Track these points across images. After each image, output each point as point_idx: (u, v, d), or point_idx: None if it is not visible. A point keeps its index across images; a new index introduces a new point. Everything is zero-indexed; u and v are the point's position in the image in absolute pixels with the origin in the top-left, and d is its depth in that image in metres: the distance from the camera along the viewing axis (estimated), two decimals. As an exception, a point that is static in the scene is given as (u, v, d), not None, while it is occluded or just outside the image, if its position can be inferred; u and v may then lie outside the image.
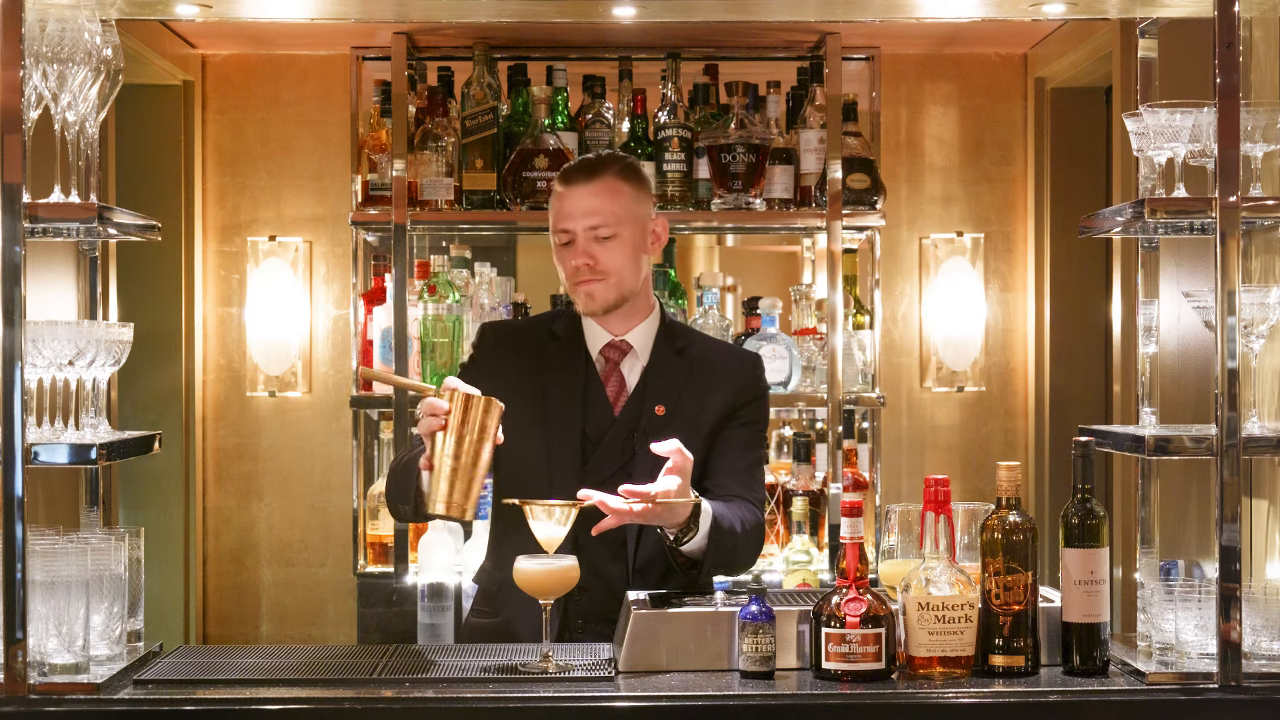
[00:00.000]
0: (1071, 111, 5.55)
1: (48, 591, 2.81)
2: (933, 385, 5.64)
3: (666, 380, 3.41)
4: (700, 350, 3.48)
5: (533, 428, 3.38)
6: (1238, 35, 2.89)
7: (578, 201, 3.36)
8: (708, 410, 3.40)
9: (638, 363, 3.42)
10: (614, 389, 3.42)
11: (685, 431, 3.30)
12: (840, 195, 4.72)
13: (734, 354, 3.59)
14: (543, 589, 2.92)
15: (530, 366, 3.43)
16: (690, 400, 3.40)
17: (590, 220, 3.35)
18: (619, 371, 3.42)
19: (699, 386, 3.41)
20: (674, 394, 3.40)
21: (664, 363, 3.43)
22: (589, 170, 3.39)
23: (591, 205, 3.36)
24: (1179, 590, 2.93)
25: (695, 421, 3.38)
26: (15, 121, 2.79)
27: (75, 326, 2.95)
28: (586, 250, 3.35)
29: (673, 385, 3.41)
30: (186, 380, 5.52)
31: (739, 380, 3.46)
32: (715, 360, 3.48)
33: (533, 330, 3.54)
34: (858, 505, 2.85)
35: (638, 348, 3.43)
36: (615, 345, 3.43)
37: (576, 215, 3.36)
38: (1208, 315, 2.96)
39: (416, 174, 4.75)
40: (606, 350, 3.42)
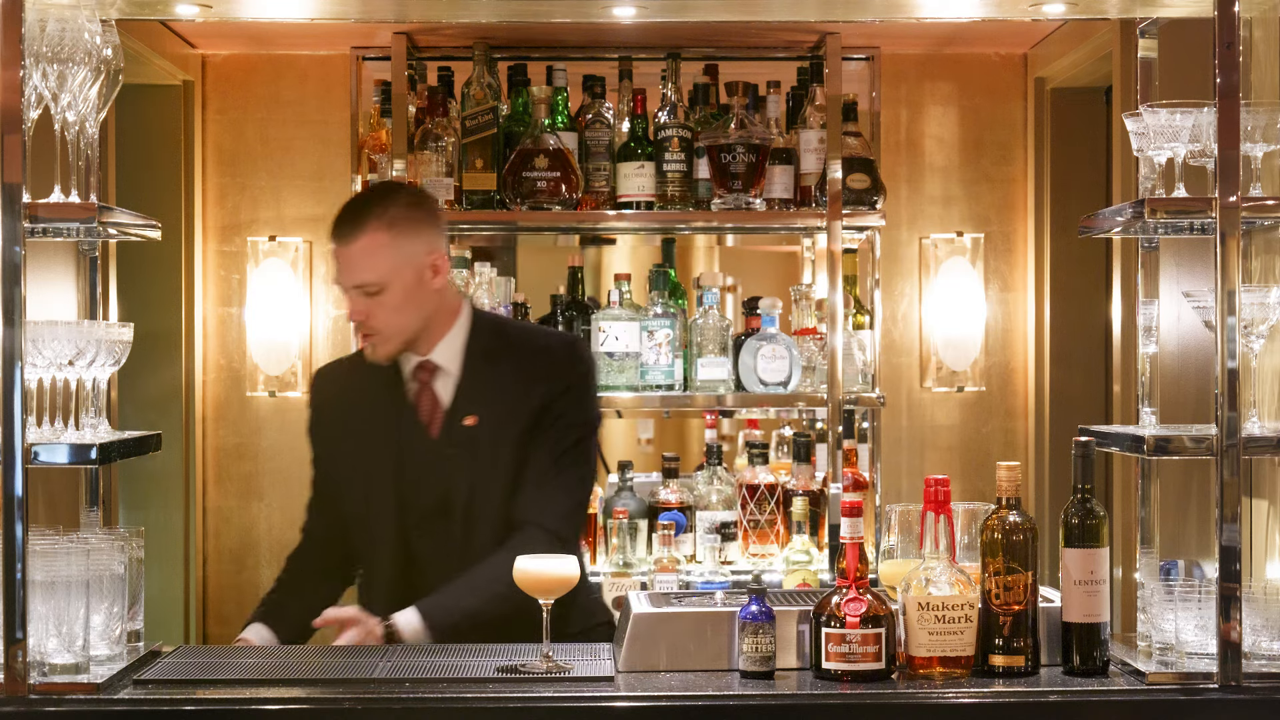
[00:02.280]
0: (1071, 111, 5.55)
1: (48, 591, 2.81)
2: (933, 385, 5.64)
3: (478, 389, 3.38)
4: (513, 349, 3.42)
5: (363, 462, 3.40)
6: (1238, 35, 2.89)
7: (344, 260, 3.33)
8: (519, 412, 3.35)
9: (449, 377, 3.40)
10: (428, 410, 3.40)
11: (496, 440, 3.33)
12: (840, 195, 4.72)
13: (546, 344, 3.53)
14: (543, 589, 2.92)
15: (355, 402, 3.44)
16: (503, 405, 3.36)
17: (355, 279, 3.31)
18: (431, 390, 3.40)
19: (512, 388, 3.37)
20: (486, 402, 3.36)
21: (474, 372, 3.39)
22: (350, 227, 3.32)
23: (356, 264, 3.31)
24: (1179, 590, 2.93)
25: (507, 428, 3.34)
26: (15, 121, 2.79)
27: (75, 326, 2.95)
28: (358, 307, 3.32)
29: (484, 393, 3.37)
30: (186, 380, 5.52)
31: (550, 372, 3.39)
32: (527, 357, 3.42)
33: (358, 363, 3.49)
34: (858, 505, 2.85)
35: (445, 364, 3.39)
36: (422, 366, 3.40)
37: (344, 273, 3.33)
38: (1208, 315, 2.96)
39: (416, 174, 4.75)
40: (416, 373, 3.41)
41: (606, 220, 4.81)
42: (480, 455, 3.35)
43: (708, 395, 4.70)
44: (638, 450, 7.19)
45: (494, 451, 3.35)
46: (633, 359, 4.66)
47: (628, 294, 4.76)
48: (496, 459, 3.34)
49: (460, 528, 3.36)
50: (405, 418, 3.40)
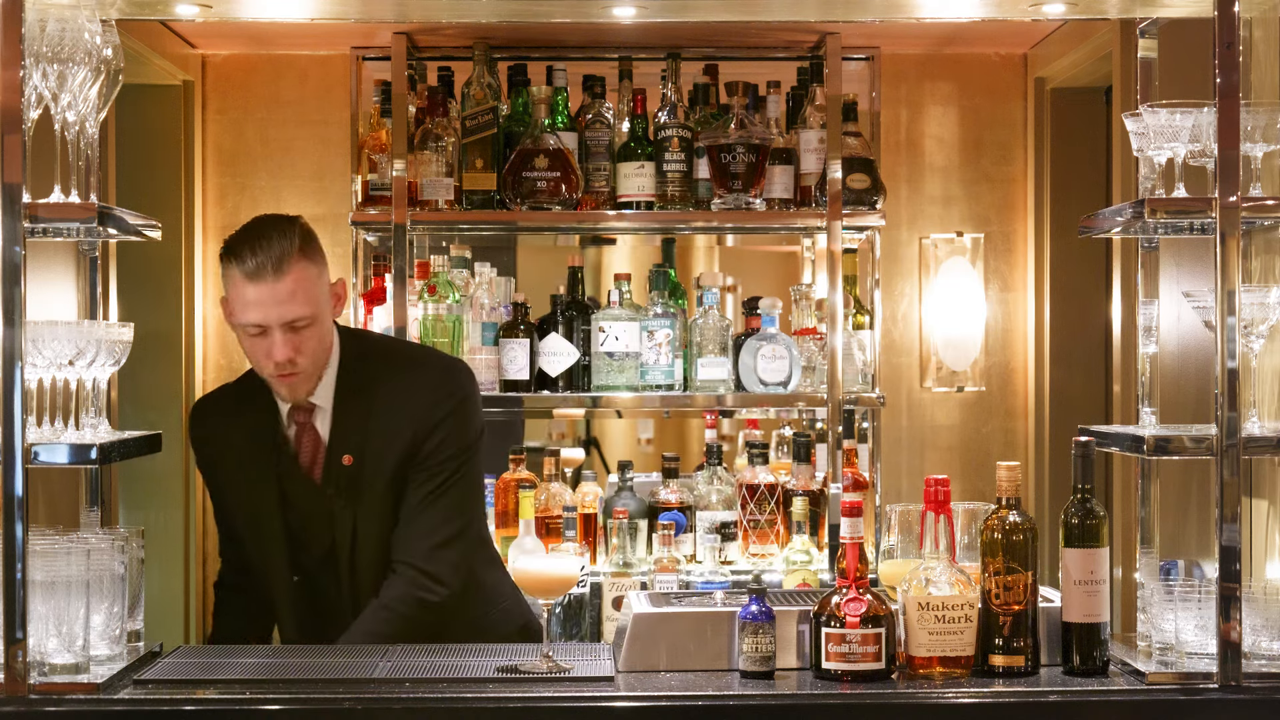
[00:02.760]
0: (1071, 111, 5.55)
1: (48, 591, 2.81)
2: (933, 385, 5.64)
3: (352, 426, 3.28)
4: (383, 379, 3.30)
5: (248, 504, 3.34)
6: (1238, 35, 2.89)
7: (271, 297, 3.12)
8: (394, 448, 3.26)
9: (327, 414, 3.30)
10: (309, 452, 3.30)
11: (375, 476, 3.25)
12: (840, 195, 4.71)
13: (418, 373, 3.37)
14: (542, 589, 2.92)
15: (234, 441, 3.34)
16: (377, 440, 3.27)
17: (289, 315, 3.14)
18: (312, 429, 3.31)
19: (385, 422, 3.27)
20: (360, 438, 3.27)
21: (346, 409, 3.28)
22: (276, 263, 3.13)
23: (288, 300, 3.14)
24: (1179, 590, 2.93)
25: (382, 465, 3.26)
26: (15, 121, 2.79)
27: (75, 326, 2.95)
28: (288, 344, 3.15)
29: (358, 430, 3.27)
30: (186, 380, 5.52)
31: (421, 407, 3.28)
32: (398, 388, 3.30)
33: (235, 398, 3.41)
34: (858, 505, 2.85)
35: (322, 402, 3.30)
36: (300, 407, 3.30)
37: (271, 311, 3.13)
38: (1208, 315, 2.96)
39: (416, 174, 4.75)
40: (294, 414, 3.31)
41: (606, 220, 4.81)
42: (361, 496, 3.27)
43: (708, 395, 4.70)
44: (638, 450, 7.20)
45: (372, 491, 3.26)
46: (633, 359, 4.66)
47: (628, 294, 4.76)
48: (375, 498, 3.26)
49: (348, 572, 3.30)
50: (285, 460, 3.31)
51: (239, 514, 3.38)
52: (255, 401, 3.33)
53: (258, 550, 3.37)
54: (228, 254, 3.19)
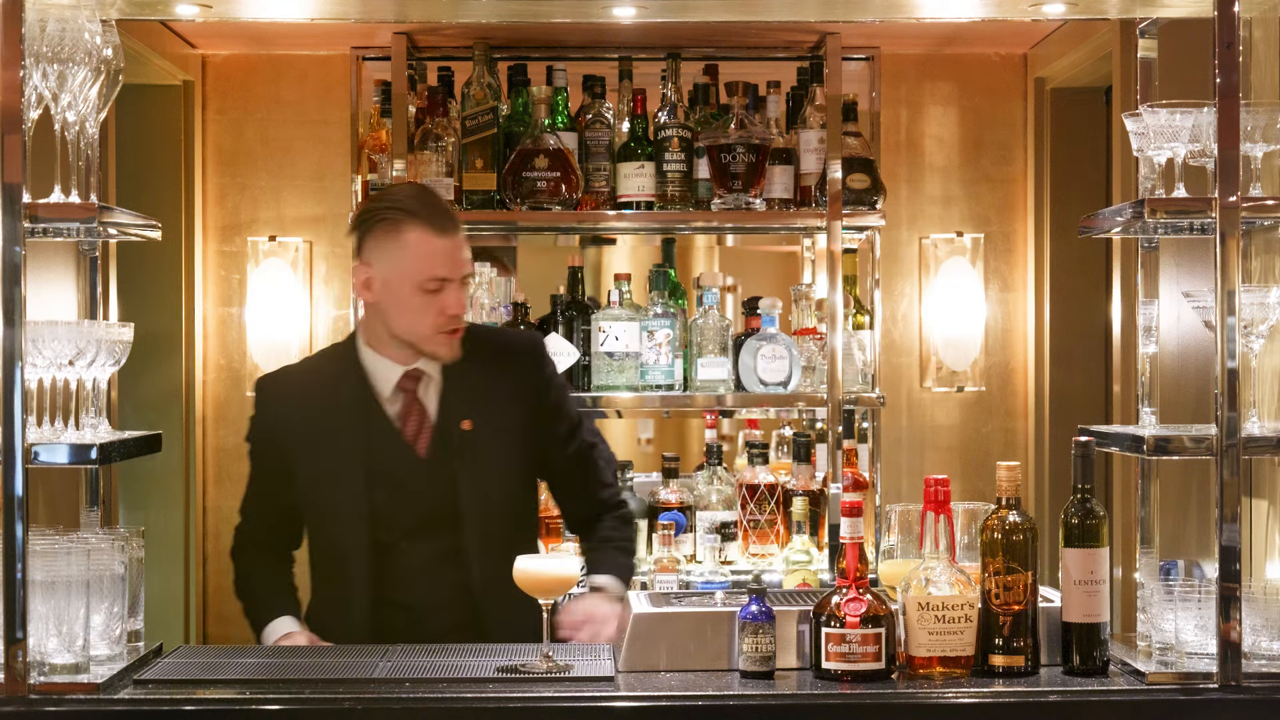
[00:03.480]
0: (1071, 111, 5.55)
1: (48, 591, 2.81)
2: (933, 385, 5.64)
3: (464, 392, 3.36)
4: (484, 348, 3.42)
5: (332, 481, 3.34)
6: (1238, 35, 2.89)
7: (450, 251, 3.27)
8: (512, 413, 3.38)
9: (433, 383, 3.37)
10: (415, 422, 3.36)
11: (497, 441, 3.33)
12: (840, 195, 4.71)
13: (517, 343, 3.59)
14: (542, 589, 2.92)
15: (316, 417, 3.37)
16: (491, 405, 3.36)
17: (464, 269, 3.30)
18: (417, 400, 3.36)
19: (495, 389, 3.38)
20: (475, 404, 3.36)
21: (454, 374, 3.37)
22: (450, 219, 3.30)
23: (461, 254, 3.30)
24: (1179, 590, 2.93)
25: (503, 429, 3.36)
26: (15, 121, 2.79)
27: (75, 326, 2.95)
28: (460, 298, 3.29)
29: (470, 395, 3.36)
30: (186, 380, 5.52)
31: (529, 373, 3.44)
32: (502, 355, 3.45)
33: (311, 376, 3.47)
34: (858, 505, 2.85)
35: (429, 369, 3.36)
36: (410, 375, 3.36)
37: (454, 264, 3.27)
38: (1208, 315, 2.96)
39: (416, 174, 4.75)
40: (403, 382, 3.36)
41: (606, 220, 4.81)
42: (482, 459, 3.33)
43: (708, 395, 4.70)
44: (638, 450, 7.19)
45: (494, 453, 3.34)
46: (633, 359, 4.66)
47: (628, 294, 4.76)
48: (499, 460, 3.35)
49: (461, 533, 3.33)
50: (382, 431, 3.34)
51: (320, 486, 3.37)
52: (341, 375, 3.38)
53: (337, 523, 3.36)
54: (403, 214, 3.27)
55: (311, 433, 3.36)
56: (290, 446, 3.38)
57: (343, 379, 3.37)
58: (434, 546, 3.34)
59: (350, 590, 3.36)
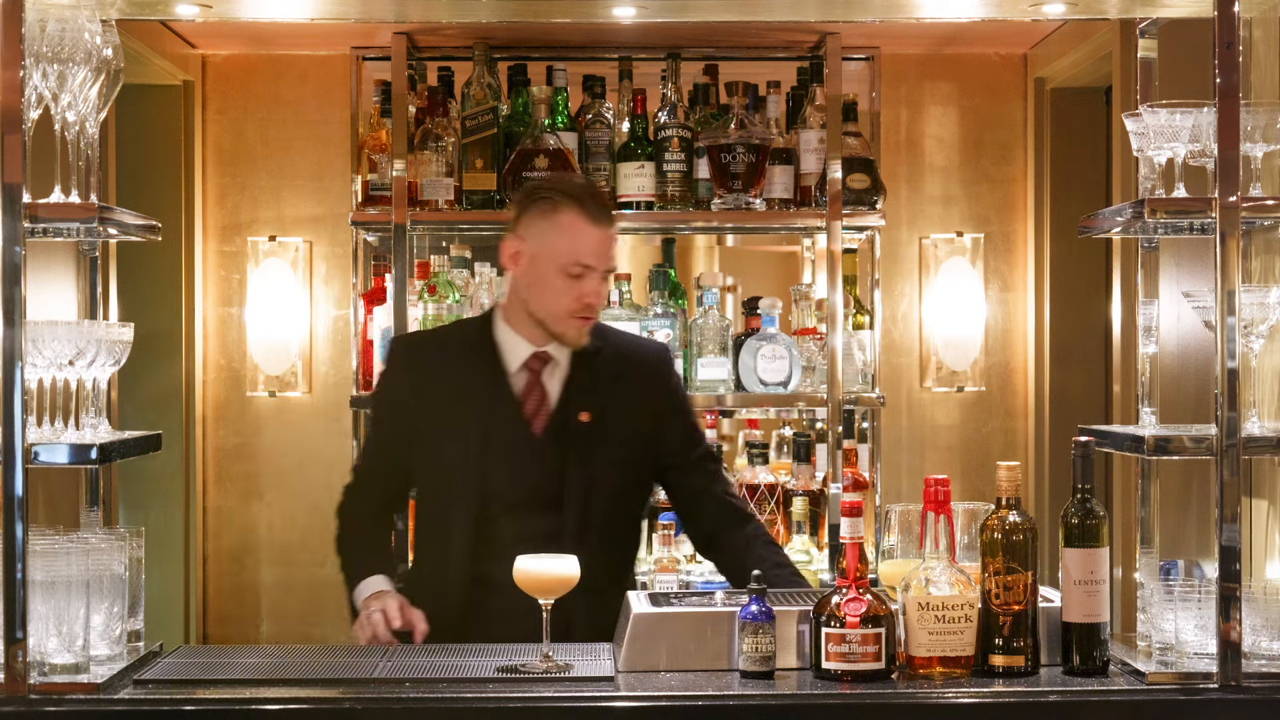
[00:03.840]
0: (1071, 111, 5.55)
1: (48, 591, 2.81)
2: (933, 385, 5.64)
3: (588, 386, 3.44)
4: (614, 349, 3.51)
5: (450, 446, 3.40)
6: (1238, 35, 2.89)
7: (601, 242, 3.38)
8: (633, 415, 3.45)
9: (558, 370, 3.44)
10: (535, 401, 3.43)
11: (612, 438, 3.40)
12: (840, 195, 4.71)
13: (647, 350, 3.63)
14: (543, 589, 2.92)
15: (444, 381, 3.45)
16: (613, 404, 3.44)
17: (610, 262, 3.40)
18: (540, 382, 3.44)
19: (620, 389, 3.46)
20: (596, 399, 3.43)
21: (583, 368, 3.45)
22: (607, 212, 3.41)
23: (611, 247, 3.40)
24: (1179, 590, 2.93)
25: (621, 428, 3.43)
26: (15, 121, 2.79)
27: (75, 326, 2.95)
28: (599, 290, 3.39)
29: (594, 390, 3.44)
30: (186, 380, 5.52)
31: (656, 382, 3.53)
32: (631, 359, 3.53)
33: (445, 341, 3.56)
34: (858, 505, 2.85)
35: (558, 356, 3.44)
36: (538, 356, 3.44)
37: (602, 255, 3.37)
38: (1208, 315, 2.96)
39: (416, 174, 4.75)
40: (530, 361, 3.44)
41: (606, 220, 4.80)
42: (593, 452, 3.40)
43: (708, 395, 4.70)
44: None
45: (608, 449, 3.42)
46: (633, 359, 4.65)
47: (628, 294, 4.76)
48: (611, 457, 3.41)
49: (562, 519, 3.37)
50: (504, 405, 3.42)
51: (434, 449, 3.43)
52: (474, 345, 3.46)
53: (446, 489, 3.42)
54: (564, 197, 3.38)
55: (437, 395, 3.43)
56: (415, 407, 3.45)
57: (474, 349, 3.46)
58: (534, 527, 3.36)
59: (448, 562, 3.41)
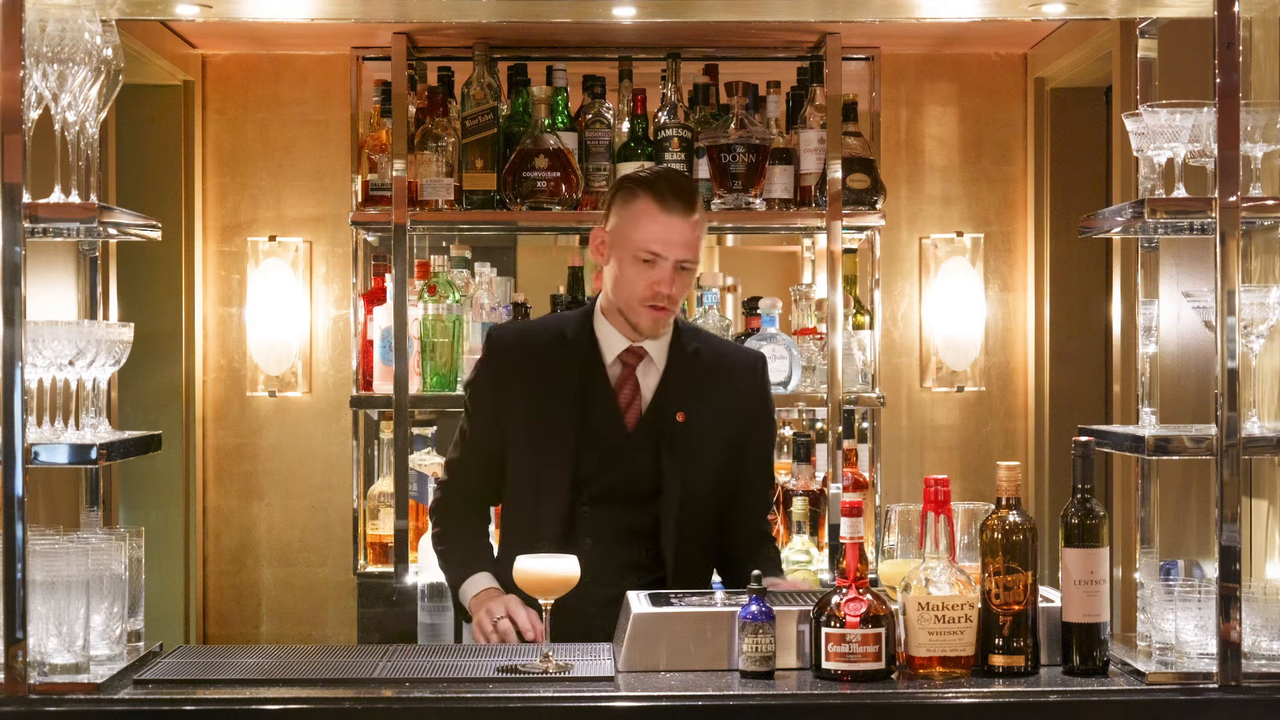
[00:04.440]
0: (1071, 111, 5.55)
1: (48, 591, 2.81)
2: (933, 385, 5.64)
3: (683, 385, 3.45)
4: (711, 352, 3.53)
5: (543, 436, 3.41)
6: (1238, 35, 2.89)
7: (676, 231, 3.35)
8: (725, 419, 3.46)
9: (653, 368, 3.45)
10: (627, 396, 3.44)
11: (706, 439, 3.41)
12: (840, 195, 4.71)
13: (742, 356, 3.62)
14: (543, 589, 2.92)
15: (540, 372, 3.45)
16: (707, 406, 3.45)
17: (685, 254, 3.37)
18: (634, 378, 3.45)
19: (714, 392, 3.47)
20: (691, 399, 3.44)
21: (679, 367, 3.46)
22: (687, 200, 3.38)
23: (688, 238, 3.37)
24: (1179, 590, 2.93)
25: (714, 430, 3.45)
26: (15, 121, 2.79)
27: (75, 326, 2.95)
28: (673, 280, 3.36)
29: (689, 390, 3.45)
30: (186, 380, 5.52)
31: (752, 387, 3.54)
32: (726, 363, 3.54)
33: (544, 333, 3.55)
34: (858, 505, 2.85)
35: (655, 354, 3.45)
36: (633, 350, 3.45)
37: (673, 245, 3.35)
38: (1208, 315, 2.96)
39: (416, 174, 4.75)
40: (624, 355, 3.45)
41: (606, 220, 4.80)
42: (687, 451, 3.41)
43: (708, 395, 4.70)
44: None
45: (701, 450, 3.42)
46: (633, 359, 4.65)
47: (628, 294, 4.75)
48: (703, 458, 3.42)
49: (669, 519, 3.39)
50: (599, 397, 3.42)
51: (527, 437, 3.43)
52: (573, 337, 3.46)
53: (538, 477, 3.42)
54: (641, 185, 3.39)
55: (532, 387, 3.43)
56: (512, 397, 3.45)
57: (574, 340, 3.46)
58: (622, 522, 3.39)
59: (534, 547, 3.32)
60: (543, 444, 3.41)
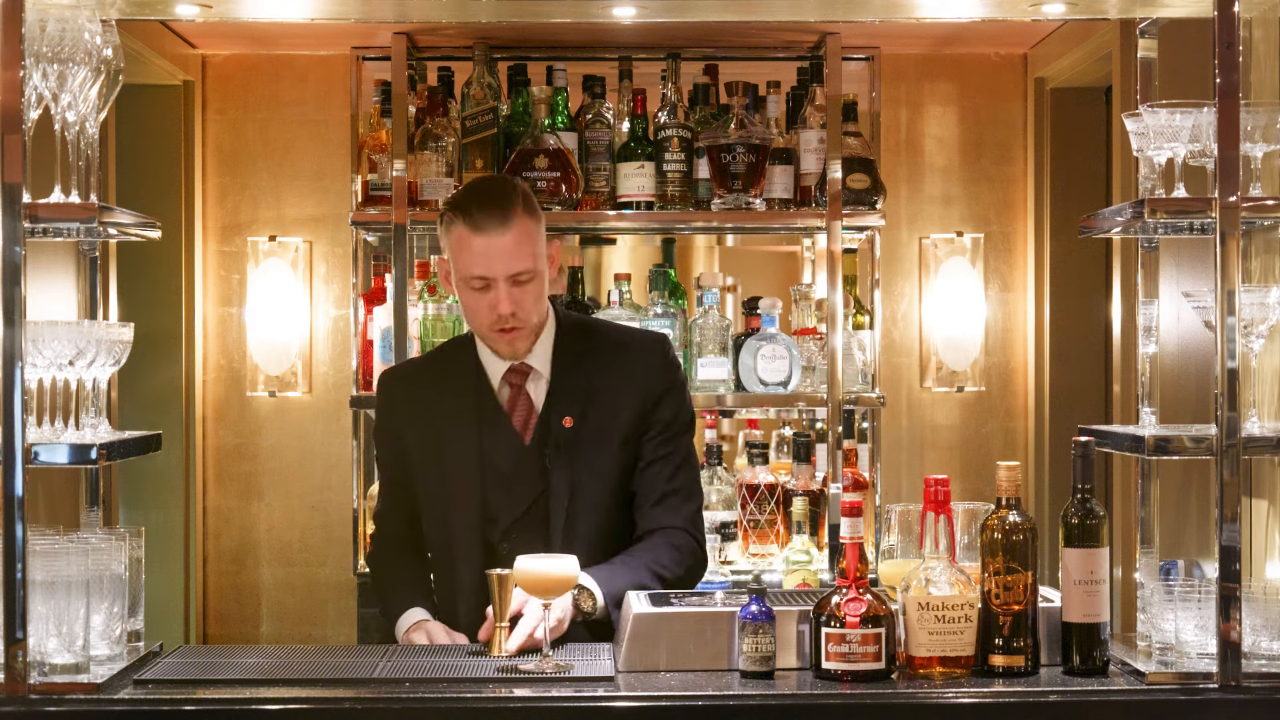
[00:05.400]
0: (1071, 111, 5.55)
1: (48, 591, 2.81)
2: (933, 385, 5.64)
3: (571, 391, 3.32)
4: (603, 349, 3.37)
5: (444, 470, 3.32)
6: (1238, 35, 2.89)
7: (496, 249, 3.18)
8: (619, 416, 3.31)
9: (542, 379, 3.33)
10: (522, 414, 3.33)
11: (596, 442, 3.28)
12: (840, 195, 4.72)
13: (637, 344, 3.42)
14: (542, 588, 2.92)
15: (432, 408, 3.36)
16: (598, 406, 3.31)
17: (513, 268, 3.19)
18: (525, 394, 3.33)
19: (606, 390, 3.33)
20: (580, 403, 3.31)
21: (566, 373, 3.33)
22: (501, 214, 3.19)
23: (512, 252, 3.19)
24: (1179, 590, 2.93)
25: (606, 431, 3.30)
26: (15, 121, 2.79)
27: (75, 326, 2.95)
28: (510, 298, 3.20)
29: (578, 394, 3.32)
30: (186, 380, 5.53)
31: (645, 376, 3.35)
32: (619, 357, 3.36)
33: (430, 368, 3.46)
34: (858, 505, 2.85)
35: (539, 366, 3.32)
36: (516, 369, 3.33)
37: (496, 263, 3.18)
38: (1208, 315, 2.96)
39: (416, 174, 4.75)
40: (509, 376, 3.33)
41: (606, 220, 4.81)
42: (578, 458, 3.29)
43: (708, 395, 4.70)
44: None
45: (593, 453, 3.30)
46: (633, 359, 4.65)
47: (628, 294, 4.76)
48: (596, 461, 3.30)
49: (557, 533, 3.28)
50: (494, 423, 3.32)
51: (432, 477, 3.34)
52: (457, 368, 3.36)
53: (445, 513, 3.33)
54: (453, 210, 3.24)
55: (428, 422, 3.35)
56: (409, 437, 3.37)
57: (460, 370, 3.36)
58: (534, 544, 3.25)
59: (459, 590, 3.32)
60: (449, 478, 3.31)
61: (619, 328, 3.59)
